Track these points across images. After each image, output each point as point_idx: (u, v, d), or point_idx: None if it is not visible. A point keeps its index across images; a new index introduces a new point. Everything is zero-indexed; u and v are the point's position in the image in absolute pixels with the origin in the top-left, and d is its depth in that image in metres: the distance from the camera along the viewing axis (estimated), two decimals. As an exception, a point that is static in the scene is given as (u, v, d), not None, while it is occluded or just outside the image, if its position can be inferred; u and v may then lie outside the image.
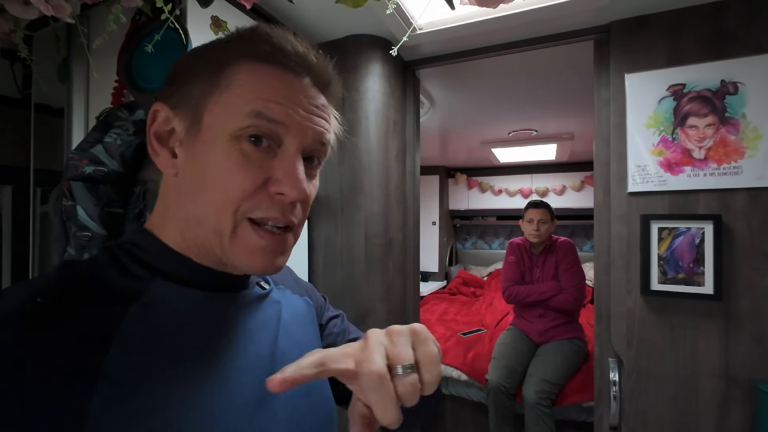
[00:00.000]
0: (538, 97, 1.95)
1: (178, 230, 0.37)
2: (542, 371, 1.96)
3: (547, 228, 2.11)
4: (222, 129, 0.34)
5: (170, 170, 0.36)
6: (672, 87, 1.07)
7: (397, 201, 1.33)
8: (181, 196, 0.36)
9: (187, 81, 0.36)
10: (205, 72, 0.35)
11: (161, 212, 0.39)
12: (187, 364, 0.33)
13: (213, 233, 0.35)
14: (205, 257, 0.37)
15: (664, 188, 1.08)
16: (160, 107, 0.37)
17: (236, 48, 0.35)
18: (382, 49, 1.26)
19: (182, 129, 0.36)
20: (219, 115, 0.34)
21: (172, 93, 0.37)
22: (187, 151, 0.36)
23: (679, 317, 1.05)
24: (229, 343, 0.37)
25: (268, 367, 0.38)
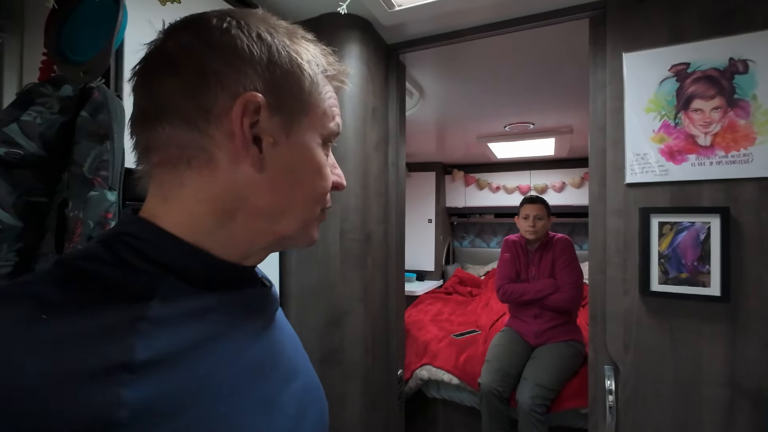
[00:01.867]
0: (534, 87, 1.84)
1: (218, 222, 0.35)
2: (537, 375, 1.86)
3: (544, 224, 2.02)
4: (318, 133, 0.38)
5: (258, 166, 0.35)
6: (674, 67, 0.98)
7: (377, 193, 1.24)
8: (258, 191, 0.35)
9: (281, 79, 0.35)
10: (299, 79, 0.36)
11: (186, 204, 0.35)
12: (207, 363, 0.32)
13: (300, 221, 0.38)
14: (235, 250, 0.37)
15: (665, 179, 0.98)
16: (254, 97, 0.33)
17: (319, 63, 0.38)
18: (360, 29, 1.16)
19: (278, 126, 0.35)
20: (317, 122, 0.37)
21: (254, 82, 0.34)
22: (282, 149, 0.36)
23: (681, 320, 0.95)
24: (245, 341, 0.37)
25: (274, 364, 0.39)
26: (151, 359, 0.27)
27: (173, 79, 0.33)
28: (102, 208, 0.62)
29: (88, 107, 0.65)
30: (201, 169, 0.34)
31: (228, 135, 0.33)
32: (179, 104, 0.33)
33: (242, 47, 0.34)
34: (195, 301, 0.33)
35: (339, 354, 1.11)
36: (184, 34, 0.34)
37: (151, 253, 0.33)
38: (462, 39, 1.26)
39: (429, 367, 2.21)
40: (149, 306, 0.30)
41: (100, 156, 0.63)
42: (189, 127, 0.33)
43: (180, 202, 0.34)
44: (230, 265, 0.37)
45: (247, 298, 0.39)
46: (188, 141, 0.33)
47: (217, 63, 0.33)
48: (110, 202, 0.63)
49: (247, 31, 0.34)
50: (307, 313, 1.15)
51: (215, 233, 0.35)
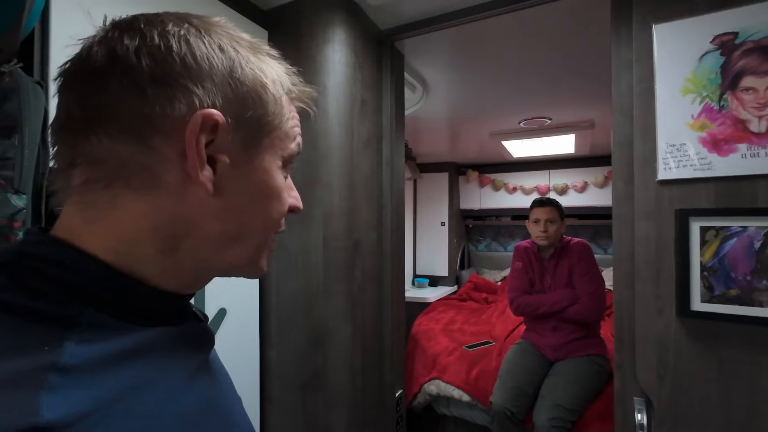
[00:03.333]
0: (550, 76, 1.67)
1: (159, 249, 0.31)
2: (556, 394, 1.68)
3: (556, 228, 1.84)
4: (278, 155, 0.36)
5: (208, 188, 0.31)
6: (718, 38, 0.80)
7: (368, 195, 1.10)
8: (210, 216, 0.32)
9: (243, 97, 0.32)
10: (262, 97, 0.34)
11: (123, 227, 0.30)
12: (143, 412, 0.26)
13: (252, 249, 0.36)
14: (173, 280, 0.32)
15: (708, 174, 0.81)
16: (213, 114, 0.30)
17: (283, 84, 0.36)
18: (346, 11, 1.04)
19: (236, 146, 0.32)
20: (277, 141, 0.36)
21: (214, 99, 0.31)
22: (237, 171, 0.33)
23: (732, 348, 0.78)
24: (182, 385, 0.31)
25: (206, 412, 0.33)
26: (62, 421, 0.22)
27: (118, 85, 0.29)
28: (3, 214, 0.51)
29: (-6, 95, 0.55)
30: (141, 190, 0.30)
31: (179, 153, 0.30)
32: (123, 114, 0.29)
33: (201, 57, 0.30)
34: (121, 339, 0.27)
35: (321, 378, 0.98)
36: (135, 35, 0.30)
37: (67, 280, 0.27)
38: (465, 20, 1.12)
39: (438, 381, 2.06)
40: (62, 350, 0.24)
41: (5, 153, 0.53)
42: (133, 142, 0.29)
43: (110, 225, 0.30)
44: (167, 296, 0.32)
45: (182, 334, 0.33)
46: (129, 157, 0.29)
47: (172, 71, 0.29)
48: (16, 208, 0.52)
49: (208, 42, 0.31)
50: (286, 332, 1.02)
51: (153, 262, 0.31)
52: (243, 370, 0.99)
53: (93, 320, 0.27)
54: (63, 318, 0.26)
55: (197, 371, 0.34)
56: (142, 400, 0.26)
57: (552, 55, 1.44)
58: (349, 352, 1.01)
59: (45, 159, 0.60)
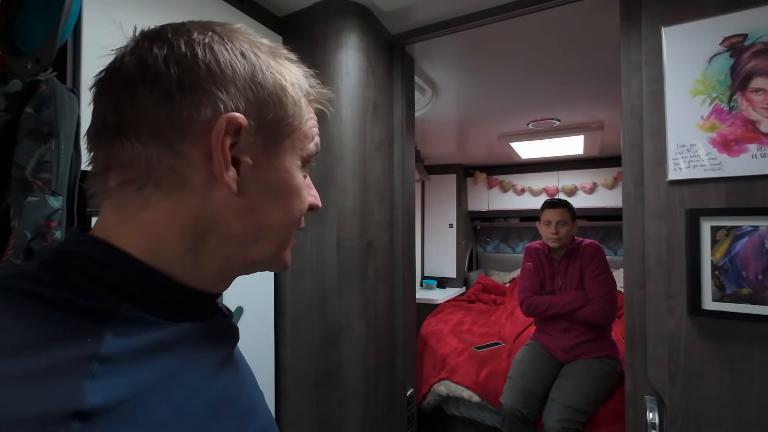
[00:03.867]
0: (559, 78, 1.68)
1: (188, 247, 0.33)
2: (567, 396, 1.68)
3: (568, 230, 1.83)
4: (298, 155, 0.37)
5: (232, 188, 0.32)
6: (728, 39, 0.81)
7: (380, 197, 1.13)
8: (233, 215, 0.34)
9: (264, 100, 0.34)
10: (281, 99, 0.35)
11: (153, 226, 0.32)
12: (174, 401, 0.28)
13: (275, 245, 0.37)
14: (201, 277, 0.34)
15: (718, 174, 0.81)
16: (236, 117, 0.31)
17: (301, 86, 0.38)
18: (359, 17, 1.06)
19: (258, 148, 0.34)
20: (297, 142, 0.37)
21: (236, 102, 0.32)
22: (259, 171, 0.34)
23: (742, 346, 0.78)
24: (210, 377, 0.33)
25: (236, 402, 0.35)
26: (104, 405, 0.24)
27: (148, 92, 0.30)
28: (41, 215, 0.54)
29: (33, 102, 0.58)
30: (171, 191, 0.31)
31: (205, 155, 0.31)
32: (153, 120, 0.30)
33: (225, 64, 0.32)
34: (154, 332, 0.29)
35: (336, 376, 1.00)
36: (163, 45, 0.31)
37: (106, 277, 0.29)
38: (474, 24, 1.14)
39: (447, 382, 2.07)
40: (102, 342, 0.26)
41: (43, 157, 0.56)
42: (162, 146, 0.31)
43: (143, 225, 0.31)
44: (196, 293, 0.34)
45: (209, 329, 0.35)
46: (159, 160, 0.31)
47: (198, 78, 0.31)
48: (53, 208, 0.55)
49: (230, 48, 0.33)
50: (301, 330, 1.05)
51: (182, 259, 0.33)
52: (258, 367, 1.01)
53: (129, 314, 0.28)
54: (103, 312, 0.28)
55: (222, 365, 0.35)
56: (173, 389, 0.28)
57: (561, 56, 1.45)
58: (363, 351, 1.03)
59: (77, 162, 0.63)
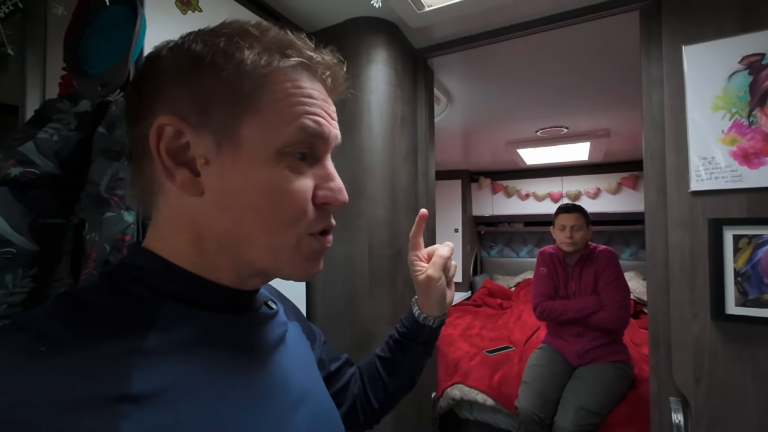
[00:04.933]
0: (569, 89, 1.73)
1: (194, 249, 0.34)
2: (581, 398, 1.71)
3: (582, 235, 1.87)
4: (268, 146, 0.32)
5: (193, 191, 0.32)
6: (746, 58, 0.86)
7: (407, 206, 1.16)
8: (209, 217, 0.33)
9: (207, 90, 0.32)
10: (235, 84, 0.32)
11: (165, 231, 0.35)
12: (211, 390, 0.31)
13: (266, 251, 0.34)
14: (224, 275, 0.35)
15: (739, 185, 0.86)
16: (167, 120, 0.31)
17: (268, 60, 0.32)
18: (387, 33, 1.11)
19: (209, 145, 0.32)
20: (262, 131, 0.32)
21: (177, 101, 0.32)
22: (220, 169, 0.32)
23: (766, 349, 0.82)
24: (250, 365, 0.35)
25: (281, 390, 0.37)
26: (149, 392, 0.27)
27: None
28: (118, 229, 0.57)
29: (105, 122, 0.61)
30: (159, 197, 0.34)
31: (156, 162, 0.32)
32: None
33: (169, 69, 0.32)
34: (194, 327, 0.32)
35: (369, 380, 1.03)
36: (142, 67, 0.35)
37: (149, 280, 0.32)
38: (494, 39, 1.18)
39: (461, 386, 2.09)
40: (147, 336, 0.29)
41: (117, 174, 0.59)
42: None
43: (161, 230, 0.35)
44: (228, 290, 0.35)
45: (250, 322, 0.37)
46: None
47: (149, 91, 0.33)
48: (127, 223, 0.59)
49: (177, 50, 0.33)
50: (332, 335, 1.07)
51: (197, 261, 0.34)
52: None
53: (171, 311, 0.31)
54: (147, 311, 0.31)
55: (267, 353, 0.37)
56: (215, 378, 0.31)
57: (571, 68, 1.50)
58: (393, 356, 1.06)
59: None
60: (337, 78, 0.37)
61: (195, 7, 0.76)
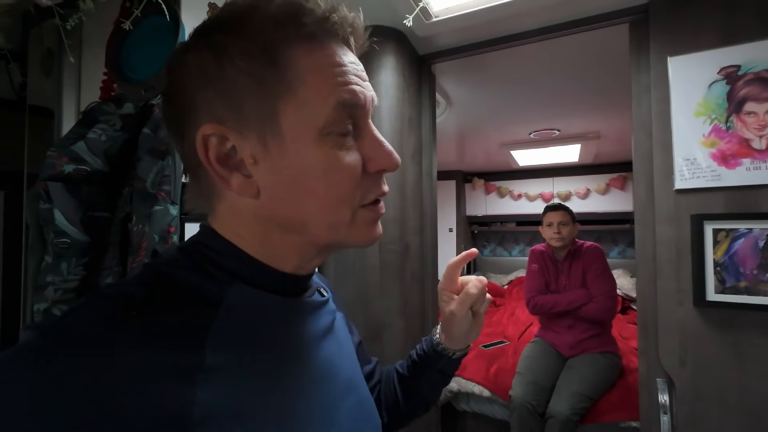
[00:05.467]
0: (562, 93, 1.82)
1: (260, 241, 0.35)
2: (575, 384, 1.80)
3: (569, 230, 1.97)
4: (309, 127, 0.31)
5: (250, 192, 0.33)
6: (724, 69, 0.95)
7: (414, 203, 1.23)
8: (270, 210, 0.34)
9: (234, 86, 0.31)
10: (259, 72, 0.31)
11: (229, 224, 0.36)
12: (272, 370, 0.33)
13: (326, 229, 0.34)
14: (287, 263, 0.36)
15: (718, 184, 0.95)
16: (209, 129, 0.31)
17: (283, 33, 0.31)
18: (395, 40, 1.17)
19: (254, 144, 0.32)
20: (300, 115, 0.31)
21: (211, 107, 0.32)
22: (270, 164, 0.32)
23: (744, 332, 0.91)
24: (305, 348, 0.37)
25: (331, 377, 0.38)
26: (219, 364, 0.29)
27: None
28: (165, 222, 0.63)
29: (150, 124, 0.67)
30: (221, 203, 0.35)
31: (210, 172, 0.33)
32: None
33: (193, 72, 0.31)
34: (259, 304, 0.34)
35: (380, 367, 1.10)
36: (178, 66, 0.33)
37: (220, 261, 0.34)
38: (493, 48, 1.26)
39: (458, 378, 2.17)
40: (218, 311, 0.31)
41: (162, 171, 0.65)
42: (192, 174, 0.36)
43: (225, 223, 0.36)
44: (287, 276, 0.37)
45: (306, 307, 0.39)
46: (197, 186, 0.36)
47: (182, 100, 0.33)
48: (172, 216, 0.64)
49: (200, 47, 0.32)
50: (346, 325, 1.14)
51: (263, 251, 0.35)
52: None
53: (238, 290, 0.33)
54: (218, 287, 0.33)
55: (320, 339, 0.39)
56: (277, 355, 0.34)
57: (564, 74, 1.59)
58: (402, 346, 1.13)
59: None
60: (359, 32, 0.34)
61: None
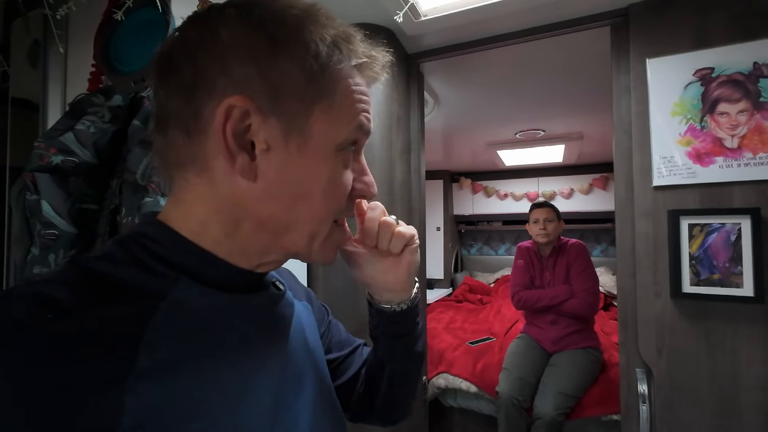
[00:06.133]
0: (547, 94, 1.87)
1: (225, 230, 0.33)
2: (559, 383, 1.84)
3: (554, 227, 2.02)
4: (331, 140, 0.33)
5: (249, 175, 0.32)
6: (699, 71, 0.99)
7: (402, 200, 1.25)
8: (257, 202, 0.33)
9: (283, 75, 0.31)
10: (313, 73, 0.31)
11: (193, 209, 0.34)
12: (216, 370, 0.31)
13: (306, 237, 0.35)
14: (244, 259, 0.35)
15: (693, 181, 0.99)
16: (239, 101, 0.30)
17: (337, 50, 0.33)
18: (384, 38, 1.19)
19: (274, 132, 0.31)
20: (329, 126, 0.33)
21: (248, 82, 0.31)
22: (281, 158, 0.32)
23: (715, 322, 0.95)
24: (254, 346, 0.35)
25: (285, 372, 0.38)
26: (155, 366, 0.27)
27: (173, 83, 0.32)
28: (154, 214, 0.63)
29: (140, 116, 0.66)
30: (200, 176, 0.33)
31: (218, 142, 0.31)
32: (176, 110, 0.32)
33: (238, 44, 0.30)
34: (206, 304, 0.32)
35: (369, 361, 1.11)
36: (188, 31, 0.32)
37: (163, 253, 0.32)
38: (480, 48, 1.29)
39: (446, 375, 2.19)
40: (157, 308, 0.29)
41: (152, 163, 0.64)
42: (184, 134, 0.32)
43: (189, 208, 0.33)
44: (242, 272, 0.35)
45: (259, 303, 0.37)
46: (184, 147, 0.32)
47: (209, 63, 0.30)
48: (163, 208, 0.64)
49: (246, 25, 0.31)
50: (335, 319, 1.15)
51: (223, 242, 0.33)
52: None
53: (184, 287, 0.31)
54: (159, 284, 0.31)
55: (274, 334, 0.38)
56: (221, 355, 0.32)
57: (549, 75, 1.63)
58: (391, 338, 1.14)
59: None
60: (381, 75, 0.37)
61: (214, 11, 0.82)
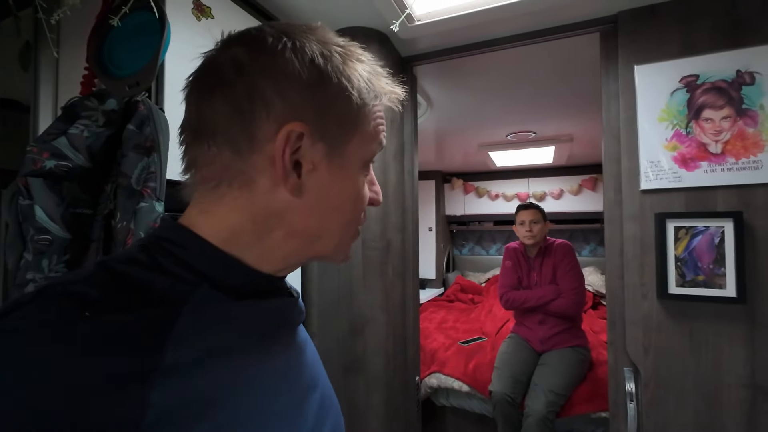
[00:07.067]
0: (538, 97, 1.89)
1: (257, 237, 0.36)
2: (549, 382, 1.88)
3: (540, 228, 2.05)
4: (360, 159, 0.37)
5: (297, 193, 0.35)
6: (685, 78, 1.02)
7: (396, 202, 1.26)
8: (296, 213, 0.36)
9: (332, 104, 0.35)
10: (358, 107, 0.36)
11: (225, 218, 0.35)
12: (240, 368, 0.33)
13: (335, 243, 0.39)
14: (268, 263, 0.37)
15: (679, 185, 1.02)
16: (299, 127, 0.34)
17: (373, 86, 0.37)
18: (378, 42, 1.20)
19: (319, 154, 0.35)
20: (361, 146, 0.37)
21: (303, 108, 0.34)
22: (322, 176, 0.36)
23: (699, 322, 0.98)
24: (274, 346, 0.38)
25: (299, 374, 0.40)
26: (179, 363, 0.29)
27: (223, 100, 0.33)
28: (151, 218, 0.63)
29: (135, 120, 0.66)
30: (241, 190, 0.34)
31: (269, 160, 0.33)
32: (226, 127, 0.33)
33: (294, 73, 0.33)
34: (225, 309, 0.33)
35: (361, 363, 1.12)
36: (239, 51, 0.34)
37: (187, 259, 0.33)
38: (473, 52, 1.30)
39: (438, 375, 2.21)
40: (181, 311, 0.31)
41: (148, 168, 0.64)
42: (232, 151, 0.33)
43: (219, 216, 0.35)
44: (264, 276, 0.37)
45: (276, 308, 0.39)
46: (231, 163, 0.34)
47: (266, 87, 0.33)
48: (158, 212, 0.64)
49: (301, 56, 0.34)
50: (329, 321, 1.15)
51: (252, 247, 0.35)
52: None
53: (205, 291, 0.32)
54: (182, 288, 0.32)
55: (288, 338, 0.40)
56: (240, 357, 0.33)
57: (542, 80, 1.65)
58: (384, 340, 1.15)
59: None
60: (399, 107, 0.43)
61: (208, 15, 0.82)
